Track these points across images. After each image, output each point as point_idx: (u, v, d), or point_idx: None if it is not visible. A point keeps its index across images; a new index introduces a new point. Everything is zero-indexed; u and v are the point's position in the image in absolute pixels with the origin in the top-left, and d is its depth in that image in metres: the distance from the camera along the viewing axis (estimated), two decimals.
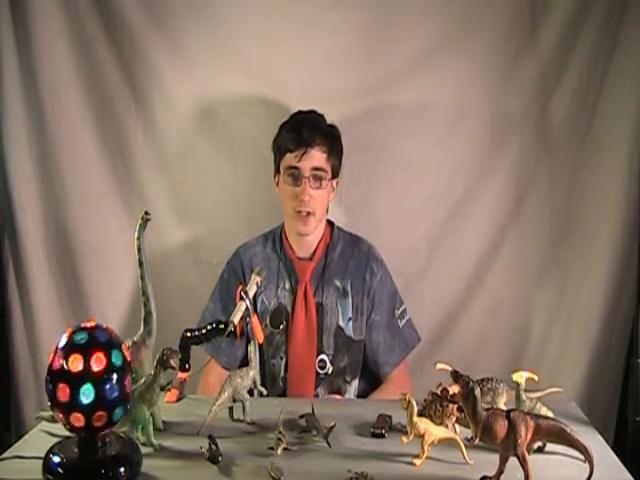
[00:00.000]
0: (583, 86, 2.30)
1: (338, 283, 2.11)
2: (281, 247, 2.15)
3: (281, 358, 2.09)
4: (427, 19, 2.31)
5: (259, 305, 2.10)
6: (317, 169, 2.05)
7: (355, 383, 2.12)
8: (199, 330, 1.68)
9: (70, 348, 1.31)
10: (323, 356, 2.08)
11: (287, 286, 2.11)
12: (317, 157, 2.05)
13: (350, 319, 2.10)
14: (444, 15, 2.31)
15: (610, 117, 2.30)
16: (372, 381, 2.16)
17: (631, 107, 2.26)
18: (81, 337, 1.32)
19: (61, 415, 1.31)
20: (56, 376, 1.30)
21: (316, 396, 2.07)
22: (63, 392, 1.29)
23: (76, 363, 1.29)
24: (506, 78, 2.33)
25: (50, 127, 2.36)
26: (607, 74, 2.29)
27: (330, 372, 2.08)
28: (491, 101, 2.34)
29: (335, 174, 2.12)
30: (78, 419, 1.30)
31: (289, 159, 2.06)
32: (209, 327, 1.68)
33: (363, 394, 2.15)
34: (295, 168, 2.05)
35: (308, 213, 2.05)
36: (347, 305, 2.11)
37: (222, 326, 1.68)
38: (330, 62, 2.33)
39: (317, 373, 2.07)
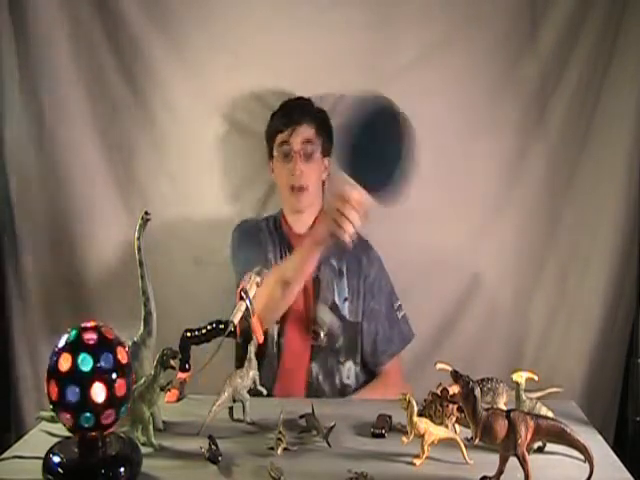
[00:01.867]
0: (583, 86, 2.30)
1: (334, 263, 2.15)
2: (280, 225, 2.21)
3: (276, 322, 2.09)
4: (426, 19, 2.31)
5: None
6: (307, 141, 2.12)
7: (348, 364, 2.14)
8: (199, 330, 1.68)
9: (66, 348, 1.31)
10: (317, 327, 2.11)
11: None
12: (307, 132, 2.14)
13: (346, 299, 2.14)
14: (444, 15, 2.30)
15: (610, 117, 2.30)
16: (371, 375, 2.18)
17: (631, 107, 2.26)
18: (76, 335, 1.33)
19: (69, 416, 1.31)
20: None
21: (310, 372, 2.10)
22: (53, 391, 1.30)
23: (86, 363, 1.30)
24: (506, 78, 2.33)
25: (50, 127, 2.35)
26: (607, 74, 2.29)
27: (323, 337, 2.10)
28: (491, 101, 2.34)
29: (326, 152, 2.18)
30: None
31: (280, 137, 2.15)
32: (209, 327, 1.68)
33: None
34: (286, 143, 2.13)
35: (301, 188, 2.12)
36: (343, 285, 2.15)
37: (222, 326, 1.67)
38: (329, 61, 2.32)
39: (313, 339, 2.10)
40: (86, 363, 1.29)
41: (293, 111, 2.16)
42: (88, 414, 1.30)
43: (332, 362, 2.13)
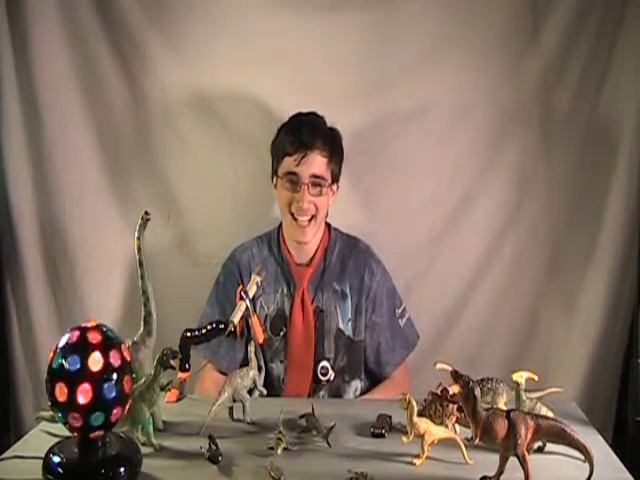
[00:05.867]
0: (584, 85, 2.30)
1: (336, 286, 2.10)
2: (279, 251, 2.12)
3: (281, 362, 2.07)
4: (428, 18, 2.31)
5: (258, 309, 2.07)
6: (316, 177, 2.01)
7: (355, 384, 2.11)
8: (199, 330, 1.68)
9: (67, 348, 1.31)
10: (325, 363, 2.06)
11: (285, 291, 2.09)
12: (317, 162, 2.01)
13: (349, 320, 2.09)
14: (446, 14, 2.31)
15: (611, 115, 2.30)
16: (377, 384, 2.15)
17: (632, 106, 2.27)
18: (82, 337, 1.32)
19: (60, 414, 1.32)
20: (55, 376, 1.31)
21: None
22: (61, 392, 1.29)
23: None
24: (507, 77, 2.33)
25: (48, 129, 2.35)
26: (608, 72, 2.29)
27: (332, 378, 2.06)
28: (493, 100, 2.34)
29: (335, 179, 2.08)
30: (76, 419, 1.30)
31: (288, 164, 2.02)
32: (209, 327, 1.68)
33: None
34: (294, 174, 2.01)
35: (308, 221, 2.02)
36: (346, 307, 2.09)
37: (222, 326, 1.68)
38: (331, 62, 2.32)
39: (319, 380, 2.05)
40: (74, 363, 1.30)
41: (303, 129, 2.00)
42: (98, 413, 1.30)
43: (338, 383, 2.09)
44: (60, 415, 1.32)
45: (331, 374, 2.06)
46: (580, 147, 2.34)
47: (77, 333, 1.33)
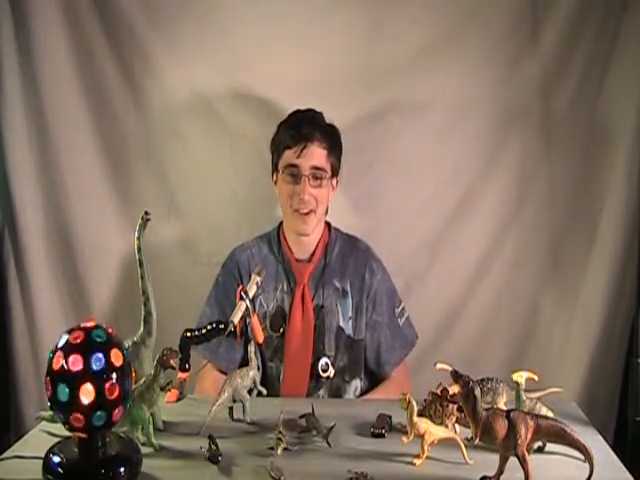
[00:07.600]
0: (585, 84, 2.31)
1: (337, 283, 2.10)
2: (279, 248, 2.13)
3: (280, 361, 2.07)
4: (428, 18, 2.31)
5: (257, 307, 2.06)
6: (317, 168, 2.02)
7: (355, 383, 2.12)
8: (199, 330, 1.68)
9: (69, 348, 1.31)
10: (325, 359, 2.06)
11: (286, 288, 2.09)
12: (317, 154, 2.02)
13: (350, 318, 2.09)
14: (445, 13, 2.31)
15: (611, 115, 2.30)
16: (376, 384, 2.15)
17: (632, 105, 2.27)
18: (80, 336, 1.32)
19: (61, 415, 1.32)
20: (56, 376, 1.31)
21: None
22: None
23: (76, 363, 1.29)
24: (508, 76, 2.33)
25: (50, 127, 2.36)
26: (608, 72, 2.30)
27: (332, 375, 2.06)
28: (493, 99, 2.34)
29: (335, 173, 2.09)
30: (78, 419, 1.30)
31: (288, 156, 2.03)
32: (209, 327, 1.68)
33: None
34: (294, 166, 2.02)
35: (309, 212, 2.03)
36: (347, 305, 2.10)
37: (222, 326, 1.67)
38: (330, 61, 2.33)
39: (319, 376, 2.05)
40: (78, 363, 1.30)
41: (302, 123, 2.03)
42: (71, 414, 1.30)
43: (338, 382, 2.09)
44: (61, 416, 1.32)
45: (331, 370, 2.06)
46: (580, 146, 2.34)
47: (76, 333, 1.32)
